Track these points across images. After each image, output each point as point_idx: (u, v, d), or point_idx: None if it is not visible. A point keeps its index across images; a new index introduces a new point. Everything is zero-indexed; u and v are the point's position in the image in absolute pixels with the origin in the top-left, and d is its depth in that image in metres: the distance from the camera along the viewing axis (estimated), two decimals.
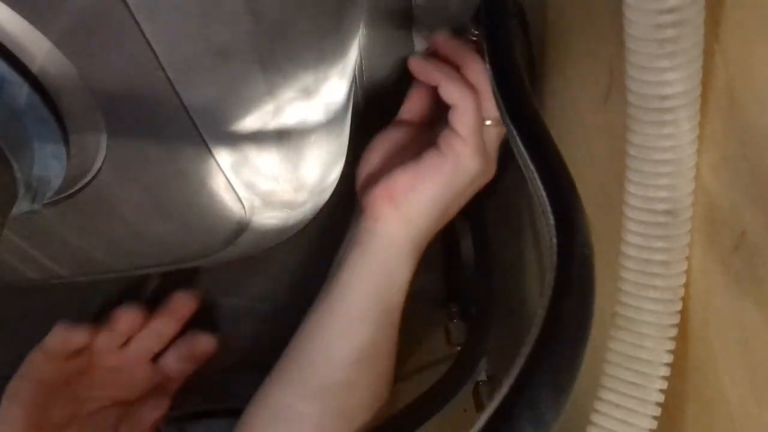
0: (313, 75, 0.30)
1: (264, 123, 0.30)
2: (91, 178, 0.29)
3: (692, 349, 0.28)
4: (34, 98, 0.24)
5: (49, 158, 0.26)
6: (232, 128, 0.29)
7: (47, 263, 0.36)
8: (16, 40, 0.23)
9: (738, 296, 0.25)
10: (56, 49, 0.23)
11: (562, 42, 0.40)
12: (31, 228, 0.32)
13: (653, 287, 0.27)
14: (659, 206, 0.26)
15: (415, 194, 0.41)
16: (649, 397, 0.27)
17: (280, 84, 0.28)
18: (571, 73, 0.39)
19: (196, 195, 0.32)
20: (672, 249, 0.26)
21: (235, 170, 0.31)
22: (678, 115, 0.24)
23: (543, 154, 0.29)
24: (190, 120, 0.27)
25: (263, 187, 0.33)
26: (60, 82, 0.24)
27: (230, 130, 0.29)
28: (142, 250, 0.36)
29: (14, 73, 0.24)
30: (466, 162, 0.41)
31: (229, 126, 0.29)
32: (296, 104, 0.30)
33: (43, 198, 0.27)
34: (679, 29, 0.23)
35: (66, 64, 0.24)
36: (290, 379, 0.42)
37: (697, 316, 0.27)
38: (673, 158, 0.25)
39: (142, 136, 0.28)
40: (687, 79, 0.24)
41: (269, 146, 0.31)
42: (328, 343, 0.42)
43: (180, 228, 0.34)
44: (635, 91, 0.25)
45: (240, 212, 0.34)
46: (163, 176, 0.30)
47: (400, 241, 0.42)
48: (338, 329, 0.42)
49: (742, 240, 0.24)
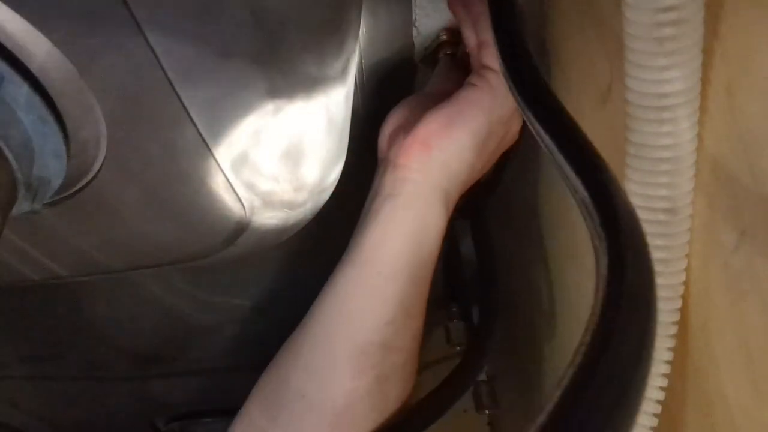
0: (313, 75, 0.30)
1: (264, 123, 0.30)
2: (91, 178, 0.29)
3: (692, 349, 0.28)
4: (34, 98, 0.24)
5: (49, 158, 0.26)
6: (232, 128, 0.29)
7: (47, 263, 0.36)
8: (16, 40, 0.23)
9: (738, 296, 0.25)
10: (56, 49, 0.23)
11: (562, 41, 0.40)
12: (31, 228, 0.32)
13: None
14: (659, 204, 0.26)
15: (452, 132, 0.39)
16: (650, 394, 0.27)
17: (280, 84, 0.28)
18: (571, 73, 0.39)
19: (196, 195, 0.32)
20: (671, 247, 0.26)
21: (235, 170, 0.31)
22: (677, 113, 0.24)
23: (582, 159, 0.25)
24: (190, 120, 0.27)
25: (263, 187, 0.33)
26: (60, 82, 0.24)
27: (230, 130, 0.29)
28: (142, 250, 0.36)
29: (14, 73, 0.24)
30: (502, 94, 0.39)
31: (229, 126, 0.29)
32: (296, 104, 0.30)
33: (43, 198, 0.27)
34: (679, 28, 0.23)
35: (66, 64, 0.24)
36: (315, 339, 0.40)
37: (697, 315, 0.27)
38: (673, 156, 0.25)
39: (142, 136, 0.28)
40: (686, 78, 0.24)
41: (269, 146, 0.31)
42: (363, 304, 0.39)
43: (180, 228, 0.34)
44: (635, 90, 0.25)
45: (240, 212, 0.34)
46: (163, 176, 0.30)
47: (437, 188, 0.40)
48: (373, 287, 0.39)
49: (742, 240, 0.24)
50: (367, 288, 0.39)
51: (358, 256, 0.39)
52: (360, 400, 0.38)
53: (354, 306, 0.39)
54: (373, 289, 0.39)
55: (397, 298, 0.38)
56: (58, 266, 0.36)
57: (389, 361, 0.38)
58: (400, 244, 0.39)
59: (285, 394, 0.40)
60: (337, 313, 0.39)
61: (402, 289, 0.38)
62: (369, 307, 0.39)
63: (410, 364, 0.40)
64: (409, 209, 0.39)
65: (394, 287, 0.38)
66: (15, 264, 0.35)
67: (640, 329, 0.18)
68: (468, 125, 0.39)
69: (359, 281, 0.39)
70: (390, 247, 0.39)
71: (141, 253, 0.37)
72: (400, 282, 0.38)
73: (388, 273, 0.39)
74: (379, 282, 0.39)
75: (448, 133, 0.39)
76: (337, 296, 0.40)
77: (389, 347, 0.38)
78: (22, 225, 0.31)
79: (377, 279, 0.39)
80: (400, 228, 0.39)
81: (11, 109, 0.24)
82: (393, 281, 0.38)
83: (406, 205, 0.39)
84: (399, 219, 0.39)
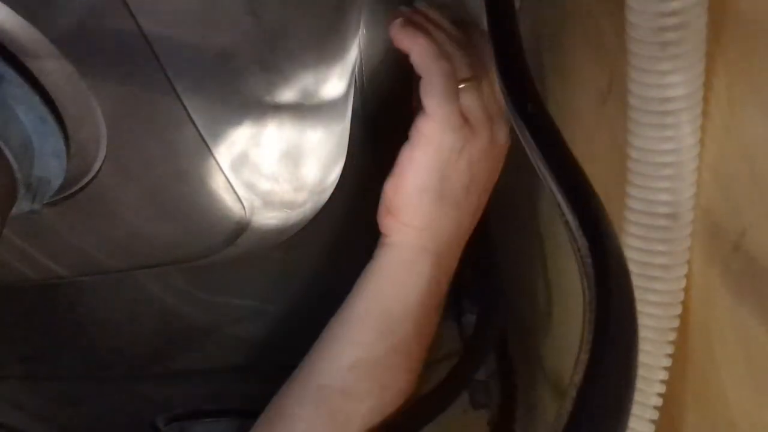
0: (313, 75, 0.30)
1: (264, 123, 0.30)
2: (91, 178, 0.29)
3: (692, 351, 0.28)
4: (34, 98, 0.24)
5: (49, 158, 0.26)
6: (232, 128, 0.29)
7: (47, 263, 0.36)
8: (16, 40, 0.23)
9: (738, 297, 0.25)
10: (56, 49, 0.23)
11: (562, 43, 0.40)
12: (31, 228, 0.32)
13: (653, 291, 0.27)
14: (660, 209, 0.26)
15: (402, 196, 0.40)
16: (648, 401, 0.27)
17: (280, 84, 0.28)
18: (571, 74, 0.39)
19: (196, 195, 0.32)
20: (672, 252, 0.26)
21: (235, 170, 0.31)
22: (680, 118, 0.24)
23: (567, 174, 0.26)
24: (190, 119, 0.27)
25: (263, 187, 0.33)
26: (60, 82, 0.24)
27: (230, 130, 0.29)
28: (142, 250, 0.36)
29: (14, 73, 0.24)
30: (435, 140, 0.39)
31: (229, 126, 0.29)
32: (296, 104, 0.30)
33: (43, 198, 0.27)
34: (682, 32, 0.23)
35: (66, 64, 0.24)
36: (293, 379, 0.42)
37: (697, 317, 0.27)
38: (675, 161, 0.25)
39: (142, 136, 0.28)
40: (689, 82, 0.24)
41: (269, 146, 0.31)
42: (328, 346, 0.41)
43: (180, 228, 0.34)
44: (636, 94, 0.25)
45: (240, 212, 0.34)
46: (163, 176, 0.30)
47: (415, 247, 0.41)
48: (338, 333, 0.41)
49: (742, 240, 0.24)
50: (335, 332, 0.42)
51: (341, 306, 0.42)
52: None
53: (322, 347, 0.42)
54: (340, 334, 0.41)
55: (361, 347, 0.40)
56: (58, 266, 0.36)
57: (350, 408, 0.40)
58: (367, 298, 0.41)
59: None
60: (313, 350, 0.42)
61: (367, 339, 0.41)
62: (333, 348, 0.41)
63: (377, 414, 0.41)
64: (381, 270, 0.41)
65: (358, 335, 0.41)
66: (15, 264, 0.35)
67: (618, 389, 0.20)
68: (411, 185, 0.40)
69: (333, 324, 0.42)
70: (359, 297, 0.41)
71: (141, 253, 0.37)
72: (364, 331, 0.41)
73: (354, 320, 0.41)
74: (343, 329, 0.41)
75: (404, 199, 0.41)
76: (319, 337, 0.42)
77: (349, 393, 0.40)
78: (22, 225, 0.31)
79: (343, 326, 0.41)
80: (373, 283, 0.41)
81: (11, 109, 0.24)
82: (358, 329, 0.41)
83: (380, 265, 0.42)
84: (373, 276, 0.42)
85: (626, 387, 0.20)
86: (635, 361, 0.21)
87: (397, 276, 0.41)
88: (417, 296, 0.41)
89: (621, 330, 0.21)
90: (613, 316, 0.21)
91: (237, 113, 0.28)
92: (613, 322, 0.21)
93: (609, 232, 0.23)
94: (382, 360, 0.40)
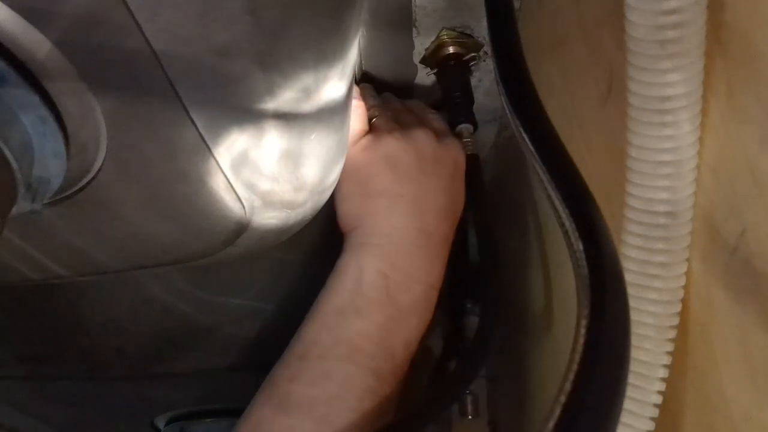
0: (313, 75, 0.30)
1: (264, 123, 0.30)
2: (91, 178, 0.29)
3: (692, 350, 0.28)
4: (34, 98, 0.24)
5: (49, 158, 0.26)
6: (232, 128, 0.29)
7: (47, 263, 0.36)
8: (16, 40, 0.23)
9: (737, 296, 0.25)
10: (56, 49, 0.23)
11: (562, 42, 0.40)
12: (31, 228, 0.32)
13: (652, 288, 0.27)
14: (659, 208, 0.26)
15: (336, 208, 0.46)
16: (648, 398, 0.27)
17: (280, 84, 0.28)
18: (571, 73, 0.39)
19: (196, 195, 0.32)
20: (672, 251, 0.26)
21: (235, 170, 0.31)
22: (679, 116, 0.24)
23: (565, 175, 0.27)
24: (190, 120, 0.27)
25: (263, 187, 0.33)
26: (60, 82, 0.24)
27: (230, 130, 0.29)
28: (142, 250, 0.36)
29: (14, 73, 0.24)
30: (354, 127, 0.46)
31: (229, 126, 0.29)
32: (296, 104, 0.30)
33: (43, 198, 0.27)
34: (681, 30, 0.23)
35: (66, 64, 0.24)
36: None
37: (697, 316, 0.27)
38: (674, 160, 0.25)
39: (142, 136, 0.28)
40: (689, 81, 0.24)
41: (269, 146, 0.31)
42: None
43: (180, 228, 0.34)
44: (636, 92, 0.25)
45: (240, 212, 0.34)
46: (163, 176, 0.30)
47: (348, 250, 0.45)
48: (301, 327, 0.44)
49: (742, 240, 0.24)
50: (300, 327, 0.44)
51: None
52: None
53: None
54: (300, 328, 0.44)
55: (309, 338, 0.43)
56: (58, 266, 0.36)
57: (295, 395, 0.41)
58: (324, 294, 0.44)
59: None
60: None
61: (314, 336, 0.42)
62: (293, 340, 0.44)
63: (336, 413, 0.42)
64: (335, 269, 0.45)
65: (307, 330, 0.43)
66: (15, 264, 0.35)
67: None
68: (338, 196, 0.46)
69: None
70: (321, 295, 0.44)
71: (141, 253, 0.37)
72: (315, 329, 0.43)
73: (310, 314, 0.44)
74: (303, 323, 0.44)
75: (337, 210, 0.46)
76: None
77: (295, 379, 0.42)
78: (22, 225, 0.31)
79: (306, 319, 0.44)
80: (329, 281, 0.45)
81: (11, 109, 0.24)
82: (308, 324, 0.43)
83: (335, 268, 0.45)
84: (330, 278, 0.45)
85: (614, 403, 0.20)
86: (626, 371, 0.21)
87: (340, 270, 0.45)
88: (354, 284, 0.44)
89: (613, 339, 0.21)
90: (607, 326, 0.21)
91: (237, 113, 0.28)
92: (606, 331, 0.21)
93: (605, 238, 0.23)
94: (333, 350, 0.42)
